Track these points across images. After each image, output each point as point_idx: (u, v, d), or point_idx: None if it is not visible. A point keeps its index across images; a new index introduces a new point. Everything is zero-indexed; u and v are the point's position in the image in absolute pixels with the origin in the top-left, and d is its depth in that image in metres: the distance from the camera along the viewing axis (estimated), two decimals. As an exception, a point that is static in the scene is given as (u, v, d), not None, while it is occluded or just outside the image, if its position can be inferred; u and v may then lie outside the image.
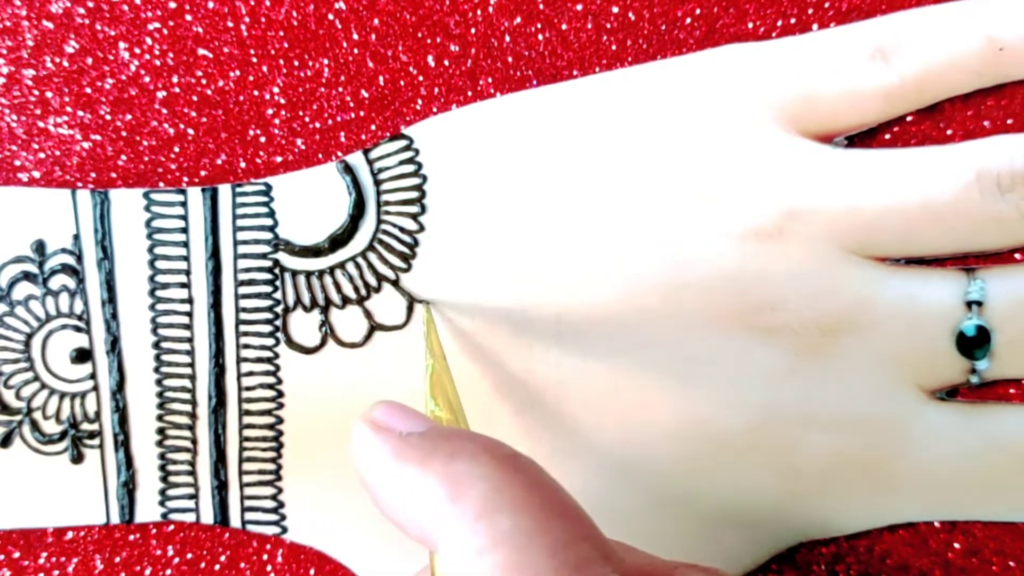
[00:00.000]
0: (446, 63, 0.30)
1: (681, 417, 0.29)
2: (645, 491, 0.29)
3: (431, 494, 0.20)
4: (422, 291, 0.30)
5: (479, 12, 0.30)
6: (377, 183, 0.30)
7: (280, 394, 0.30)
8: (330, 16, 0.30)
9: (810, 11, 0.29)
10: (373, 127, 0.30)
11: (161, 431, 0.30)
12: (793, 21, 0.29)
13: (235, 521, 0.30)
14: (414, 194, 0.30)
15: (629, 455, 0.29)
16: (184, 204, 0.30)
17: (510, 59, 0.30)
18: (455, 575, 0.19)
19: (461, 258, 0.29)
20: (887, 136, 0.29)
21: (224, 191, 0.30)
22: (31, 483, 0.30)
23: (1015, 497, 0.29)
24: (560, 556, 0.18)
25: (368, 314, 0.30)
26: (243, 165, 0.30)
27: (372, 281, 0.30)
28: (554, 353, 0.29)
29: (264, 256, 0.30)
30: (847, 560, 0.30)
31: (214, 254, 0.30)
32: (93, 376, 0.30)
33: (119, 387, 0.30)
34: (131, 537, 0.31)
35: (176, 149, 0.30)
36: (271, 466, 0.30)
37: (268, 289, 0.30)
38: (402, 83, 0.30)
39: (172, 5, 0.30)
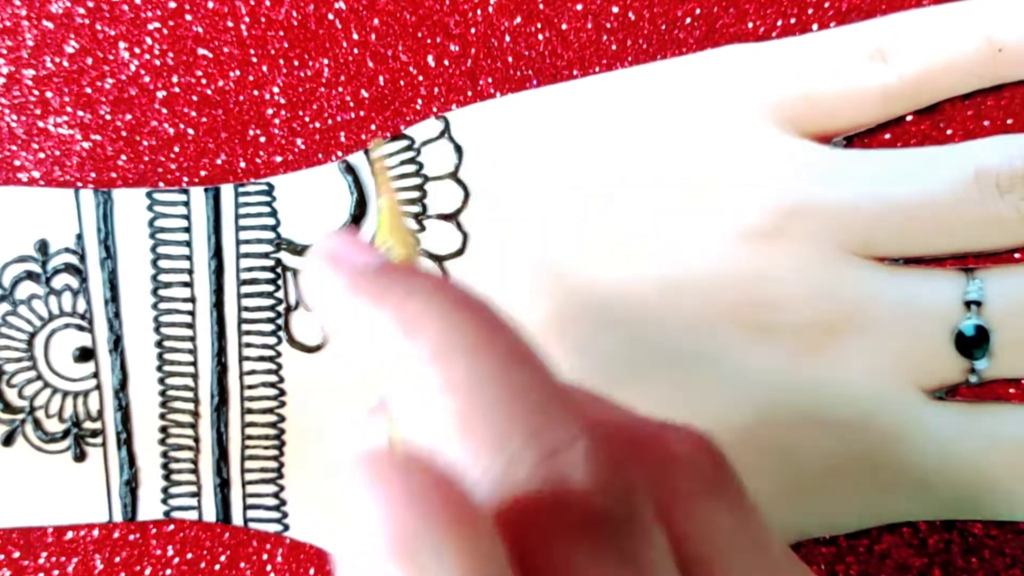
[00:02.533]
0: (446, 63, 0.30)
1: (679, 415, 0.29)
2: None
3: (386, 330, 0.19)
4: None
5: (479, 12, 0.29)
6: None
7: (282, 392, 0.30)
8: (330, 16, 0.30)
9: (810, 11, 0.29)
10: (373, 127, 0.30)
11: (163, 429, 0.30)
12: (793, 21, 0.29)
13: (237, 519, 0.31)
14: (415, 194, 0.30)
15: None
16: (187, 204, 0.30)
17: (510, 59, 0.29)
18: (410, 413, 0.18)
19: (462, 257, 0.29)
20: (887, 136, 0.29)
21: (226, 191, 0.30)
22: (34, 482, 0.31)
23: (1014, 496, 0.29)
24: (518, 400, 0.18)
25: (369, 313, 0.30)
26: (243, 165, 0.30)
27: (373, 280, 0.30)
28: (553, 351, 0.29)
29: (266, 255, 0.30)
30: (847, 560, 0.30)
31: (216, 253, 0.30)
32: (96, 375, 0.30)
33: (122, 386, 0.30)
34: (131, 537, 0.31)
35: (176, 149, 0.30)
36: (273, 464, 0.30)
37: (270, 288, 0.30)
38: (402, 83, 0.30)
39: (172, 5, 0.30)
